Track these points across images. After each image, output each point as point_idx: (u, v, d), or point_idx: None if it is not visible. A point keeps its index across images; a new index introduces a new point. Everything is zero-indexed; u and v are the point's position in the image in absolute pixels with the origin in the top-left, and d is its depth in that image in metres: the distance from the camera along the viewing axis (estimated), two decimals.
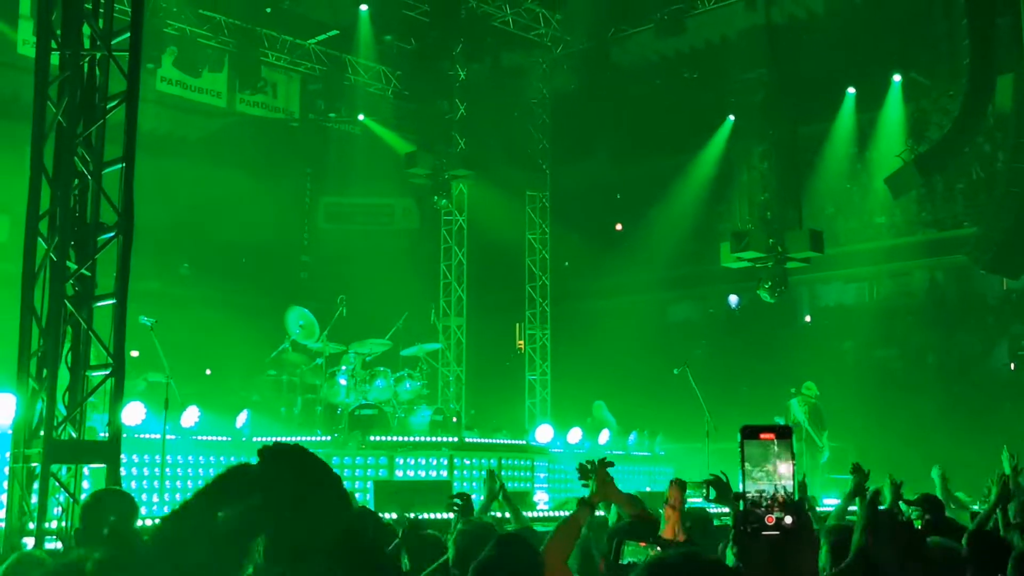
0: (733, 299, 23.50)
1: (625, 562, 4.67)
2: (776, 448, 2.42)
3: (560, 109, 21.26)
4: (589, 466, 4.68)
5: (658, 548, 4.64)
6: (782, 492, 2.38)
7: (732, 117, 20.53)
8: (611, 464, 4.75)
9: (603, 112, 20.26)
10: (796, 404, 16.26)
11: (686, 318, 25.77)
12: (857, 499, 6.53)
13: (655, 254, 22.76)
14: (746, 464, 2.38)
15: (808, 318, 23.73)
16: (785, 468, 2.41)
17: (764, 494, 2.37)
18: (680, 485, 5.71)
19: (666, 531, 5.44)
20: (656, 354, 20.12)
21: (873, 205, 21.89)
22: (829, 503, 11.21)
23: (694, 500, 6.11)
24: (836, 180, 21.71)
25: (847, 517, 6.38)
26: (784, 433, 2.41)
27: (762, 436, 2.40)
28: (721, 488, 4.72)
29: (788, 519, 2.36)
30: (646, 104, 21.33)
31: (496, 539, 4.14)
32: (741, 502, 2.37)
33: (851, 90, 20.53)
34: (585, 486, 4.80)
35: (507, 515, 7.54)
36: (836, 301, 24.02)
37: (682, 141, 21.89)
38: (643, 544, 4.69)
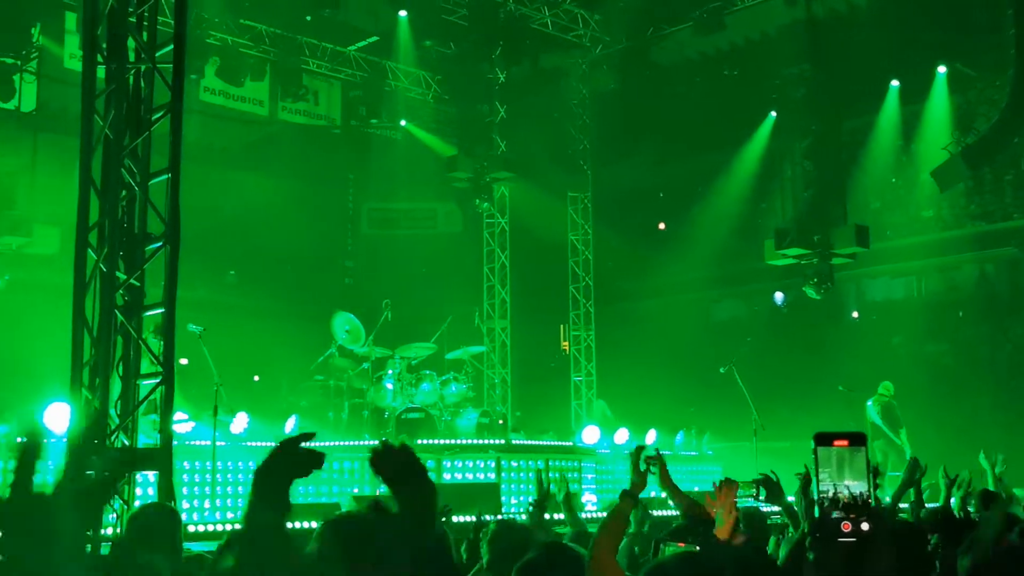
0: (779, 296, 23.31)
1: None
2: (850, 454, 2.38)
3: (600, 109, 21.22)
4: (657, 454, 4.76)
5: (697, 548, 4.61)
6: (858, 498, 2.35)
7: (774, 113, 20.39)
8: (650, 453, 4.84)
9: (644, 111, 20.20)
10: (871, 404, 16.08)
11: (731, 316, 25.60)
12: (911, 492, 6.46)
13: (699, 253, 22.63)
14: (820, 470, 2.35)
15: (855, 314, 23.47)
16: (860, 474, 2.38)
17: (839, 500, 2.35)
18: (732, 484, 5.67)
19: (722, 531, 5.42)
20: (701, 353, 20.01)
21: (920, 199, 21.60)
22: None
23: (744, 499, 6.07)
24: (881, 174, 21.46)
25: (898, 515, 6.32)
26: (858, 439, 2.38)
27: (836, 443, 2.37)
28: (772, 488, 4.69)
29: (864, 525, 2.33)
30: (687, 102, 21.21)
31: (540, 542, 4.14)
32: (816, 508, 2.35)
33: (895, 83, 20.29)
34: (650, 472, 4.85)
35: (557, 516, 7.53)
36: (884, 296, 23.75)
37: (724, 139, 21.76)
38: (682, 544, 4.67)
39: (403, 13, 20.08)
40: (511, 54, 19.41)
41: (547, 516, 7.42)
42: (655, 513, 7.17)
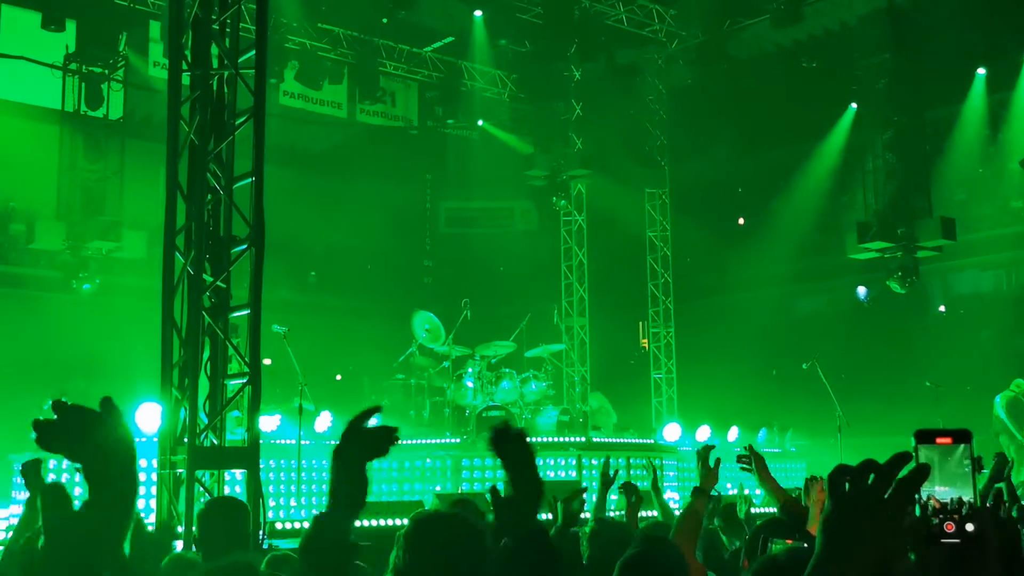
0: (862, 290, 22.91)
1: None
2: (954, 452, 2.32)
3: (677, 104, 21.08)
4: (747, 451, 4.76)
5: (804, 545, 4.56)
6: (963, 498, 2.31)
7: (855, 105, 20.04)
8: (712, 447, 4.88)
9: (721, 106, 20.03)
10: (999, 400, 15.72)
11: (813, 311, 25.24)
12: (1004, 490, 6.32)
13: (779, 247, 22.34)
14: None
15: (942, 308, 22.98)
16: (965, 473, 2.33)
17: (944, 500, 2.30)
18: (820, 481, 5.62)
19: (815, 527, 5.37)
20: (783, 349, 19.78)
21: (1008, 189, 21.06)
22: None
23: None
24: (967, 165, 20.96)
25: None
26: (962, 436, 2.32)
27: (938, 440, 2.32)
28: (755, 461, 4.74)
29: (970, 526, 2.29)
30: (765, 96, 20.95)
31: (641, 537, 4.14)
32: (918, 507, 2.32)
33: (981, 71, 19.82)
34: (746, 469, 4.85)
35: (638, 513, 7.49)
36: (972, 289, 23.21)
37: (803, 132, 21.46)
38: (789, 541, 4.63)
39: (478, 13, 20.16)
40: (586, 51, 19.36)
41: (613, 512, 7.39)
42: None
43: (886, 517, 1.79)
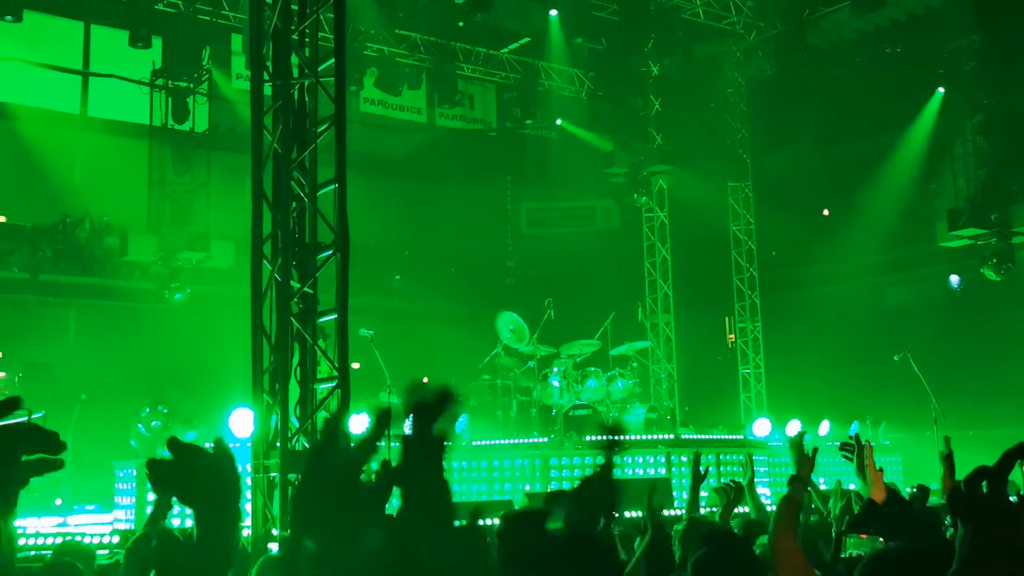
0: (954, 279, 22.36)
1: (846, 555, 4.56)
2: None
3: (757, 96, 20.81)
4: (853, 440, 4.72)
5: (881, 540, 4.48)
6: None
7: (942, 90, 19.58)
8: (805, 433, 4.86)
9: (802, 96, 19.71)
10: None
11: (904, 302, 24.69)
12: None
13: (866, 238, 21.92)
14: None
15: None
16: None
17: None
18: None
19: (877, 492, 5.30)
20: (873, 341, 19.39)
21: None
22: None
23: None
24: None
25: None
26: None
27: None
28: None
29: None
30: (847, 84, 20.58)
31: (707, 535, 4.09)
32: None
33: None
34: (848, 458, 4.79)
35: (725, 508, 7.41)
36: None
37: (888, 119, 21.02)
38: (864, 536, 4.55)
39: (554, 12, 20.17)
40: (663, 46, 19.25)
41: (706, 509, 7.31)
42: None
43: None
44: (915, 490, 7.51)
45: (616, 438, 2.45)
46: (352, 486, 1.91)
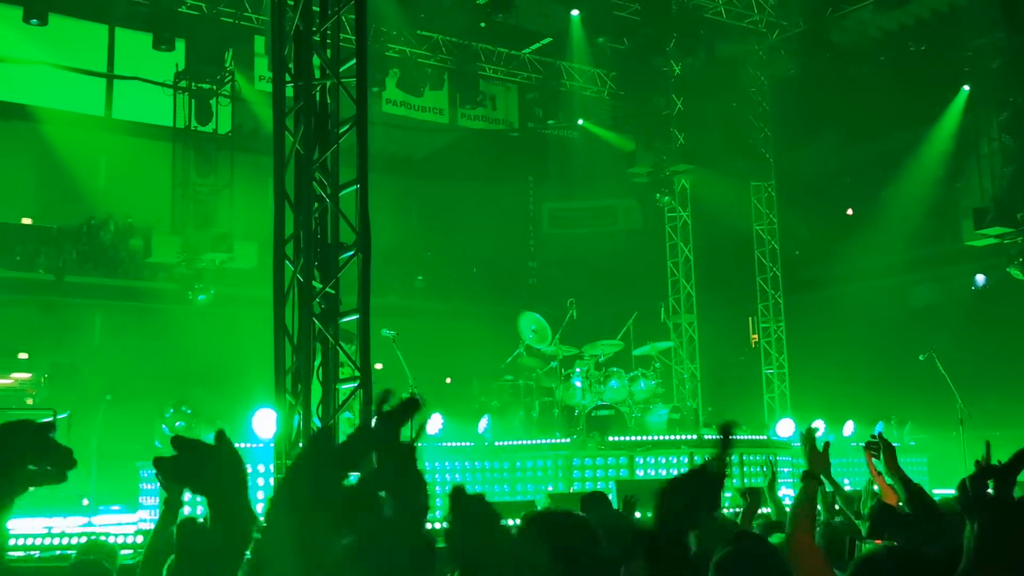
0: (980, 278, 22.20)
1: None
2: None
3: (780, 95, 20.71)
4: (877, 439, 4.68)
5: (895, 543, 4.43)
6: None
7: (967, 87, 19.44)
8: (815, 428, 4.84)
9: (826, 95, 19.59)
10: None
11: (929, 301, 24.53)
12: None
13: (891, 237, 21.81)
14: None
15: None
16: None
17: None
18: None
19: (889, 496, 5.25)
20: (898, 340, 19.27)
21: None
22: None
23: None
24: None
25: None
26: None
27: None
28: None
29: None
30: (871, 83, 20.47)
31: (732, 535, 4.06)
32: None
33: None
34: (874, 456, 4.74)
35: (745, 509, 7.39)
36: None
37: (912, 118, 20.90)
38: (878, 542, 4.49)
39: (575, 12, 20.15)
40: (685, 45, 19.17)
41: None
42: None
43: None
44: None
45: (730, 437, 2.44)
46: (335, 486, 1.99)
